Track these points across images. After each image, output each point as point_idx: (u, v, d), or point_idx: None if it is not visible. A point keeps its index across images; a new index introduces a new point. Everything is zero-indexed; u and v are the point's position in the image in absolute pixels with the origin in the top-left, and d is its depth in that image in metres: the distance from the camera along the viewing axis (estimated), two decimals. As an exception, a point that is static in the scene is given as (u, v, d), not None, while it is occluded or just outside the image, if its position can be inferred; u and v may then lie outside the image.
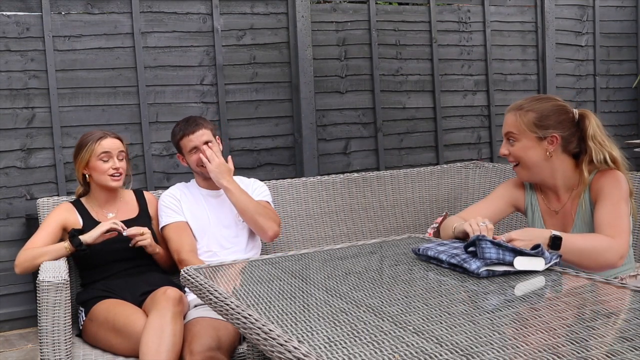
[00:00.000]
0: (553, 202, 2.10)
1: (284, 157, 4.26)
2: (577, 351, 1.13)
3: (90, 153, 2.51)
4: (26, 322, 3.72)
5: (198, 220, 2.67)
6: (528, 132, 2.02)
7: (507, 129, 2.07)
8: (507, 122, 2.08)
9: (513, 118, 2.06)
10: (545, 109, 2.03)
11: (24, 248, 2.46)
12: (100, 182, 2.55)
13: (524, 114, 2.03)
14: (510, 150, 2.07)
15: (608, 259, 1.86)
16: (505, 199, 2.21)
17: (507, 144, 2.08)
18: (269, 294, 1.58)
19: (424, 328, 1.27)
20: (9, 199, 3.69)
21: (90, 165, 2.53)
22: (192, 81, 4.02)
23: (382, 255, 2.02)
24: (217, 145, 2.69)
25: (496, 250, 1.65)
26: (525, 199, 2.18)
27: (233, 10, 4.11)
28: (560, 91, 4.99)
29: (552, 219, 2.10)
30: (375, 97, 4.47)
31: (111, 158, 2.53)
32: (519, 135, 2.04)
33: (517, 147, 2.05)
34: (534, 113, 2.02)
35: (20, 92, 3.68)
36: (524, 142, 2.03)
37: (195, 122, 2.67)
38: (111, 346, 2.28)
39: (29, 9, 3.70)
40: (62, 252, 2.42)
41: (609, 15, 5.27)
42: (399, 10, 4.58)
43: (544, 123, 2.01)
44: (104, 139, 2.54)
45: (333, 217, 3.15)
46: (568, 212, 2.06)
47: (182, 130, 2.66)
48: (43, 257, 2.39)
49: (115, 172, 2.53)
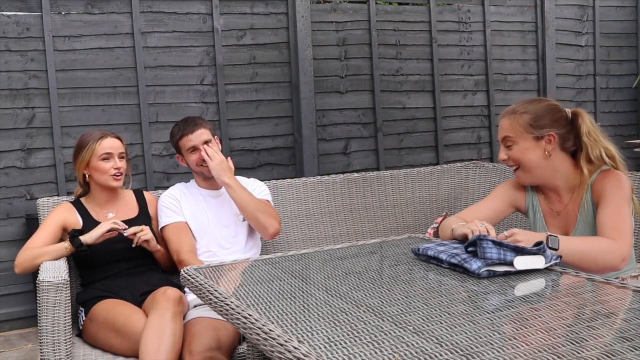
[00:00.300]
0: (555, 203, 2.10)
1: (284, 157, 4.26)
2: (577, 351, 1.13)
3: (91, 153, 2.51)
4: (26, 322, 3.72)
5: (197, 220, 2.67)
6: (525, 134, 2.02)
7: (504, 133, 2.07)
8: (503, 127, 2.08)
9: (508, 122, 2.06)
10: (539, 109, 2.04)
11: (23, 248, 2.46)
12: (101, 182, 2.55)
13: (518, 117, 2.03)
14: (508, 154, 2.07)
15: (609, 262, 1.85)
16: (505, 199, 2.20)
17: (505, 149, 2.08)
18: (269, 294, 1.58)
19: (424, 328, 1.27)
20: (9, 199, 3.69)
21: (91, 166, 2.53)
22: (192, 81, 4.02)
23: (382, 255, 2.02)
24: (217, 145, 2.70)
25: (497, 250, 1.65)
26: (527, 199, 2.17)
27: (233, 10, 4.11)
28: (560, 91, 4.99)
29: (554, 220, 2.10)
30: (375, 97, 4.47)
31: (112, 158, 2.53)
32: (516, 138, 2.04)
33: (516, 150, 2.05)
34: (528, 114, 2.02)
35: (20, 92, 3.68)
36: (522, 144, 2.03)
37: (194, 122, 2.67)
38: (111, 346, 2.28)
39: (29, 9, 3.70)
40: (63, 252, 2.42)
41: (609, 15, 5.27)
42: (399, 10, 4.58)
43: (539, 123, 2.01)
44: (105, 138, 2.54)
45: (333, 217, 3.15)
46: (570, 213, 2.06)
47: (181, 131, 2.67)
48: (43, 257, 2.39)
49: (117, 172, 2.54)
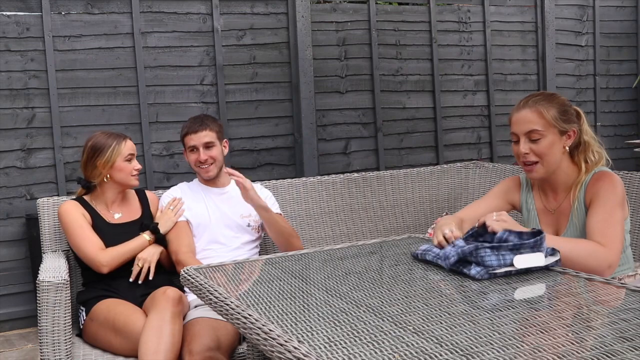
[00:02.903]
0: (550, 201, 2.09)
1: (284, 157, 4.26)
2: (577, 351, 1.13)
3: (118, 154, 2.53)
4: (26, 322, 3.72)
5: (198, 217, 2.67)
6: (552, 128, 1.96)
7: (530, 126, 1.96)
8: (528, 119, 1.97)
9: (534, 115, 1.96)
10: (562, 103, 1.99)
11: (97, 248, 2.45)
12: (123, 182, 2.58)
13: (546, 110, 1.95)
14: (532, 148, 1.97)
15: (594, 267, 1.79)
16: (502, 196, 2.20)
17: (529, 142, 1.97)
18: (269, 294, 1.58)
19: (424, 328, 1.27)
20: (9, 199, 3.69)
21: (116, 166, 2.54)
22: (192, 81, 4.02)
23: (382, 255, 2.02)
24: (220, 148, 2.69)
25: (495, 256, 1.63)
26: (521, 198, 2.17)
27: (233, 10, 4.11)
28: (561, 91, 4.98)
29: (547, 218, 2.09)
30: (375, 97, 4.47)
31: (133, 158, 2.59)
32: (545, 131, 1.96)
33: (544, 144, 1.96)
34: (554, 108, 1.96)
35: (20, 92, 3.68)
36: (550, 138, 1.96)
37: (201, 122, 2.67)
38: (111, 346, 2.28)
39: (29, 9, 3.70)
40: (146, 244, 2.52)
41: (609, 15, 5.27)
42: (399, 10, 4.58)
43: (567, 117, 1.98)
44: (127, 140, 2.59)
45: (333, 217, 3.15)
46: (563, 211, 2.05)
47: (186, 128, 2.68)
48: (128, 254, 2.49)
49: (137, 173, 2.60)
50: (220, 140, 2.69)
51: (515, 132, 2.01)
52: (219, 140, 2.69)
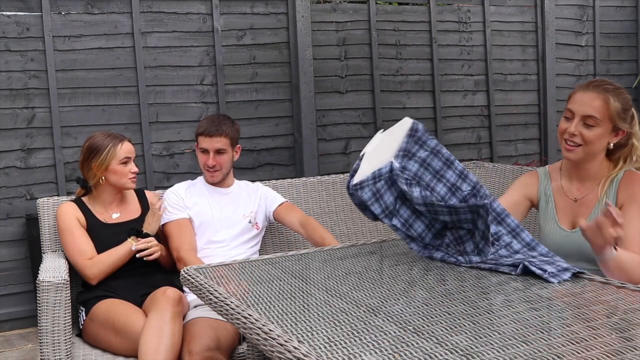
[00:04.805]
0: (574, 190, 2.05)
1: (284, 157, 4.26)
2: (577, 351, 1.13)
3: (112, 157, 2.52)
4: (26, 322, 3.72)
5: (200, 214, 2.67)
6: (609, 122, 1.92)
7: (591, 112, 1.91)
8: (592, 105, 1.91)
9: (600, 102, 1.91)
10: (626, 101, 1.95)
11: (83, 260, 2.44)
12: (118, 185, 2.56)
13: (612, 101, 1.91)
14: (583, 133, 1.92)
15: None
16: (519, 191, 2.14)
17: (583, 126, 1.92)
18: (269, 294, 1.57)
19: (424, 328, 1.27)
20: (9, 199, 3.69)
21: (111, 169, 2.52)
22: (192, 81, 4.02)
23: (382, 255, 2.02)
24: (231, 155, 2.68)
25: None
26: (539, 188, 2.12)
27: (233, 10, 4.11)
28: (560, 91, 4.99)
29: (566, 206, 2.05)
30: (375, 97, 4.47)
31: (130, 162, 2.56)
32: (601, 121, 1.91)
33: (595, 133, 1.92)
34: (619, 104, 1.92)
35: (20, 92, 3.68)
36: (602, 129, 1.92)
37: (218, 127, 2.63)
38: (111, 346, 2.28)
39: (29, 9, 3.70)
40: (131, 253, 2.45)
41: (609, 15, 5.27)
42: (399, 10, 4.58)
43: (626, 116, 1.94)
44: (124, 142, 2.56)
45: (333, 217, 3.15)
46: (587, 203, 2.01)
47: (202, 127, 2.66)
48: (115, 264, 2.45)
49: (134, 175, 2.57)
50: (233, 147, 2.68)
51: (573, 109, 1.96)
52: (232, 147, 2.68)
